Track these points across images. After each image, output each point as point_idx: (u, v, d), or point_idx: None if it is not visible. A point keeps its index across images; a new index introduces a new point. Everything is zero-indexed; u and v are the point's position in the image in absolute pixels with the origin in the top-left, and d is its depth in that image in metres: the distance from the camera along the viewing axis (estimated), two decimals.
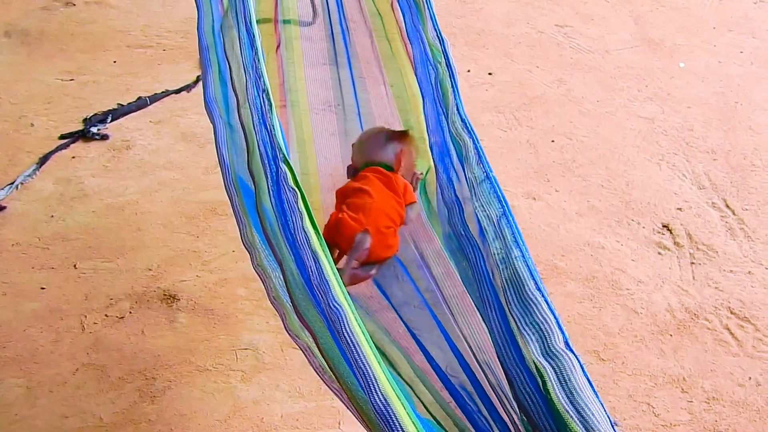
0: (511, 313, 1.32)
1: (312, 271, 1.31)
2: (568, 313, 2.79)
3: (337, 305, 1.25)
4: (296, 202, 1.41)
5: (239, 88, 1.74)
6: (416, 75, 2.14)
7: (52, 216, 3.16)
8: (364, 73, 2.43)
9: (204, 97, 1.87)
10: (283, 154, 1.50)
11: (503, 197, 1.54)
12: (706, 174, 3.57)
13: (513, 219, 1.47)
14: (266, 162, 1.52)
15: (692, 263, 3.05)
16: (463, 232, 1.66)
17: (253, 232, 1.56)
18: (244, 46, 1.79)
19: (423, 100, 2.11)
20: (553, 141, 3.76)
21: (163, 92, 3.97)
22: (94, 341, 2.63)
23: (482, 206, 1.55)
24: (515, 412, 1.35)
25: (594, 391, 1.17)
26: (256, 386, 2.51)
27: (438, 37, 2.05)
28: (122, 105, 3.86)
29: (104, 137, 3.63)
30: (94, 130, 3.65)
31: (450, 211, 1.77)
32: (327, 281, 1.28)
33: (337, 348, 1.23)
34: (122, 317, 2.72)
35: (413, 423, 1.10)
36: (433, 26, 2.10)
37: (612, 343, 2.69)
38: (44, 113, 3.82)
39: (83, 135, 3.63)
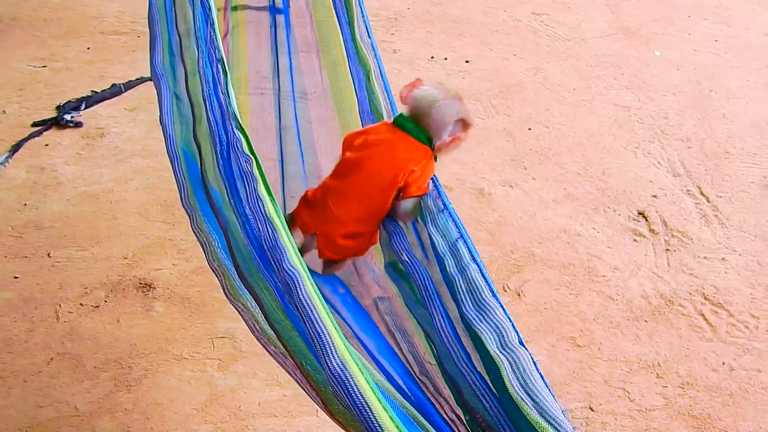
0: (464, 316, 1.36)
1: (265, 238, 1.29)
2: (545, 299, 2.81)
3: (292, 269, 1.22)
4: (251, 169, 1.39)
5: (190, 59, 1.71)
6: (350, 71, 2.07)
7: (25, 204, 3.12)
8: (302, 63, 2.36)
9: (150, 63, 1.82)
10: (238, 121, 1.48)
11: (460, 224, 1.56)
12: (681, 161, 3.61)
13: (470, 240, 1.51)
14: (216, 130, 1.50)
15: (667, 250, 3.08)
16: (407, 258, 1.64)
17: (194, 197, 1.54)
18: (198, 19, 1.76)
19: (358, 102, 2.00)
20: (530, 129, 3.77)
21: (138, 79, 3.93)
22: (69, 330, 2.61)
23: (439, 233, 1.56)
24: (459, 418, 1.38)
25: (545, 382, 1.22)
26: (234, 374, 2.50)
27: (367, 32, 2.02)
28: (96, 92, 3.81)
29: (78, 125, 3.59)
30: (67, 117, 3.60)
31: (391, 237, 1.72)
32: (282, 247, 1.26)
33: (286, 312, 1.23)
34: (97, 306, 2.70)
35: (370, 387, 1.09)
36: (365, 24, 2.05)
37: (588, 329, 2.72)
38: (16, 100, 3.76)
39: (56, 122, 3.59)
